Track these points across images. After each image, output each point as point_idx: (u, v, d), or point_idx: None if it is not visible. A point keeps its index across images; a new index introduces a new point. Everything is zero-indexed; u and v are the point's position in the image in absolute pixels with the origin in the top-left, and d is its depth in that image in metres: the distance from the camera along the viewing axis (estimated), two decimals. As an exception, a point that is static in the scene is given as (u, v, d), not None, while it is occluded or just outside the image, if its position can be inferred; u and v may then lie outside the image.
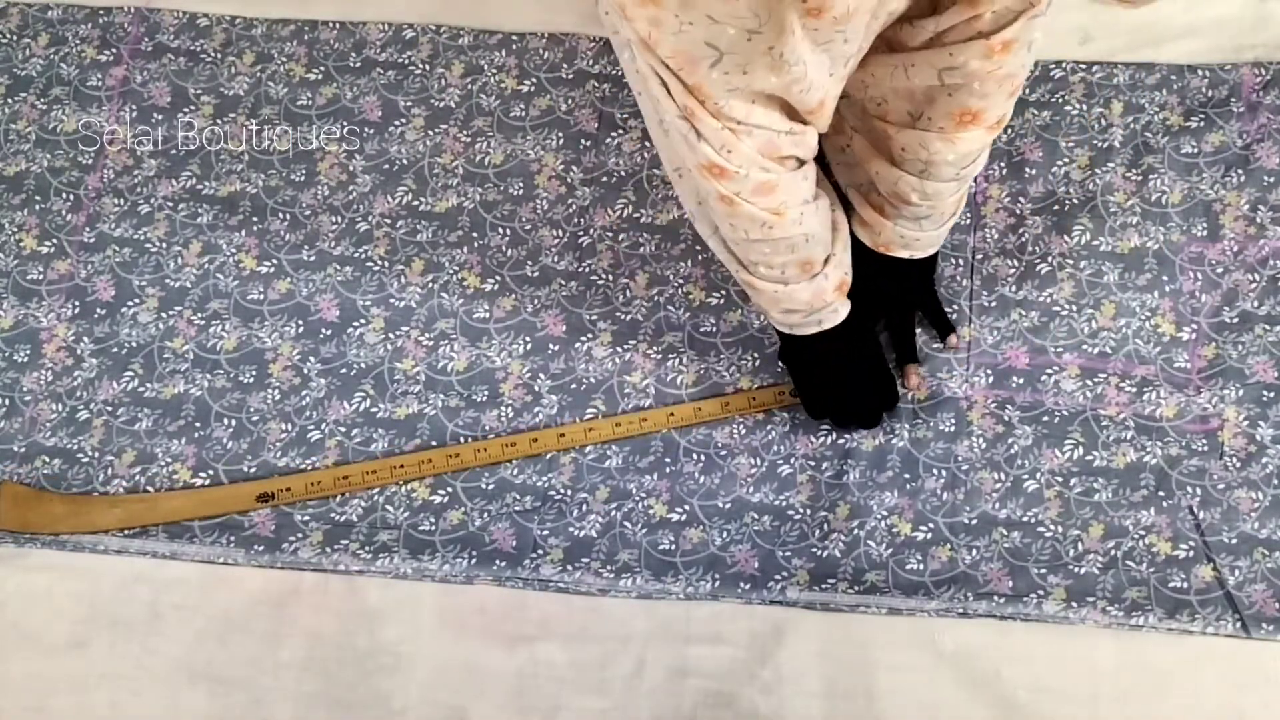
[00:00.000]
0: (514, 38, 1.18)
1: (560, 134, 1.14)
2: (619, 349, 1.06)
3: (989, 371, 1.03)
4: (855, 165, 0.95)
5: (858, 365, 0.99)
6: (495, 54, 1.18)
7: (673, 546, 0.99)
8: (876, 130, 0.90)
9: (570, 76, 1.16)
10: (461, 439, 1.04)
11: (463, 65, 1.18)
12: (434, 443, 1.04)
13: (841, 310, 0.94)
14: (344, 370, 1.07)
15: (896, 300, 1.01)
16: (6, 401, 1.07)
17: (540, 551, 0.99)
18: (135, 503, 1.02)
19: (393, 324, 1.08)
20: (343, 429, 1.05)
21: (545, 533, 1.00)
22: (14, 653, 0.99)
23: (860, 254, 0.98)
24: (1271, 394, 1.00)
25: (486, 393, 1.05)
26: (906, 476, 1.00)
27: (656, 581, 0.97)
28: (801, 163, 0.84)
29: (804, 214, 0.85)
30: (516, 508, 1.01)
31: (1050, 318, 1.04)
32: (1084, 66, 1.12)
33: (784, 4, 0.66)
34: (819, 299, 0.91)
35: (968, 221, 1.08)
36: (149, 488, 1.03)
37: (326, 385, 1.07)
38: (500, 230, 1.11)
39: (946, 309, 1.04)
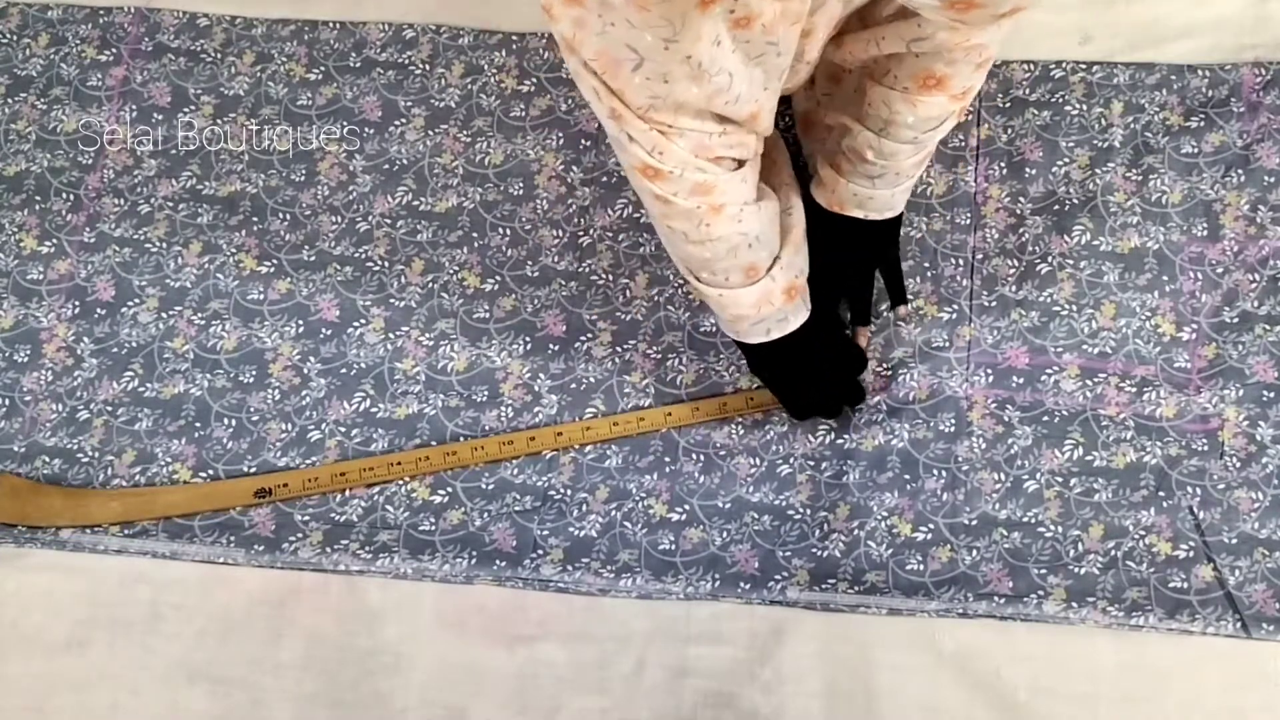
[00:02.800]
0: (514, 38, 1.18)
1: (560, 134, 1.14)
2: (619, 349, 1.06)
3: (989, 371, 1.03)
4: (818, 123, 0.94)
5: (821, 356, 0.97)
6: (495, 54, 1.18)
7: (673, 546, 0.99)
8: (845, 85, 0.90)
9: (570, 76, 1.16)
10: (461, 439, 1.04)
11: (463, 65, 1.18)
12: (433, 442, 1.04)
13: (793, 320, 0.93)
14: (344, 370, 1.07)
15: (855, 264, 1.01)
16: (6, 401, 1.07)
17: (540, 551, 0.99)
18: (133, 496, 1.02)
19: (393, 324, 1.08)
20: (343, 429, 1.05)
21: (545, 533, 1.00)
22: (14, 653, 0.99)
23: (818, 219, 0.97)
24: (1272, 394, 1.00)
25: (486, 393, 1.05)
26: (906, 477, 1.00)
27: (656, 581, 0.97)
28: (740, 163, 0.83)
29: (744, 214, 0.84)
30: (516, 508, 1.01)
31: (1050, 318, 1.04)
32: (1084, 66, 1.12)
33: (704, 14, 0.65)
34: (766, 303, 0.90)
35: (968, 221, 1.08)
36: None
37: (326, 385, 1.07)
38: (500, 230, 1.11)
39: (946, 309, 1.04)
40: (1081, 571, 0.95)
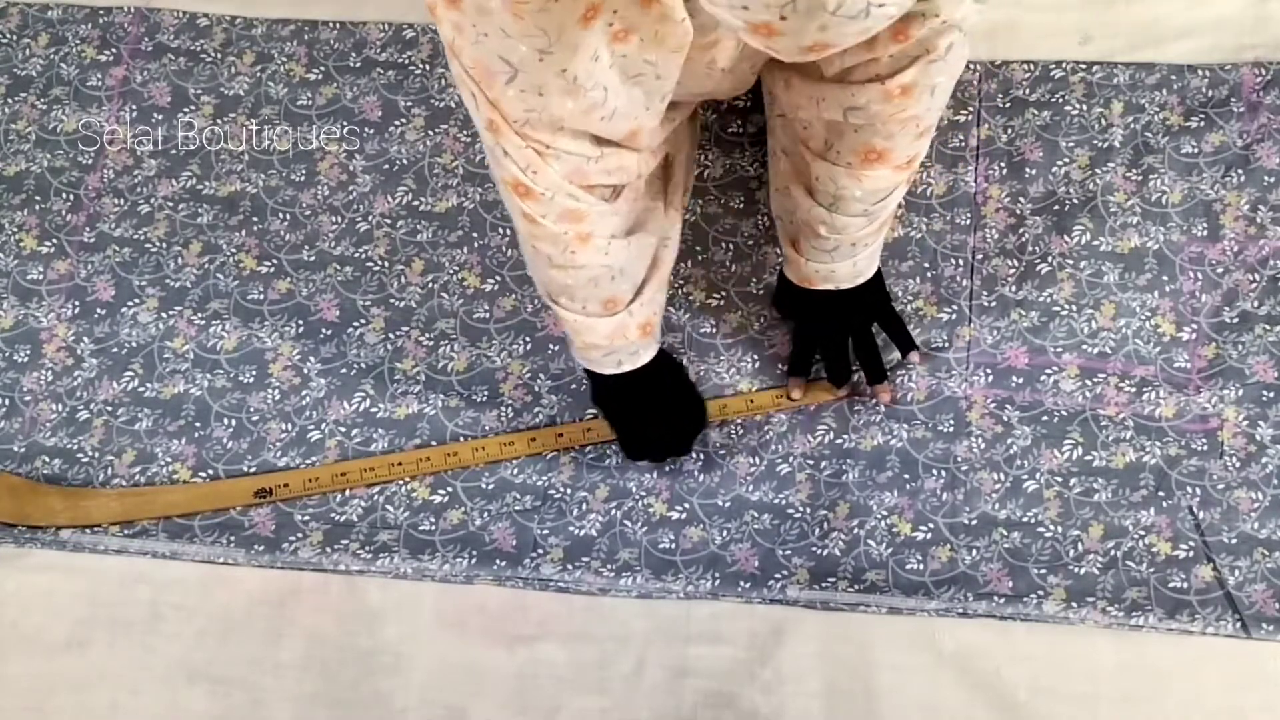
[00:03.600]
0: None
1: (560, 134, 1.14)
2: (619, 349, 1.06)
3: (988, 371, 1.03)
4: (781, 190, 0.94)
5: (665, 399, 0.98)
6: (495, 54, 1.18)
7: (673, 545, 0.99)
8: (799, 155, 0.89)
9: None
10: (461, 439, 1.04)
11: (463, 65, 1.17)
12: (434, 442, 1.04)
13: (644, 354, 0.93)
14: (344, 370, 1.07)
15: (828, 332, 1.00)
16: (6, 401, 1.07)
17: (540, 551, 0.99)
18: (132, 496, 1.02)
19: (393, 324, 1.08)
20: (343, 429, 1.05)
21: (545, 532, 1.00)
22: (14, 653, 0.99)
23: (793, 291, 0.98)
24: (1271, 394, 1.00)
25: (486, 393, 1.05)
26: (906, 476, 1.00)
27: (657, 580, 0.97)
28: (615, 192, 0.82)
29: (611, 247, 0.83)
30: (516, 507, 1.01)
31: (1050, 318, 1.04)
32: (1084, 66, 1.12)
33: (585, 28, 0.64)
34: (620, 335, 0.90)
35: (968, 222, 1.08)
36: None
37: (326, 385, 1.07)
38: (500, 230, 1.11)
39: (946, 309, 1.04)
40: (1081, 571, 0.95)
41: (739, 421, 1.03)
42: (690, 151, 0.96)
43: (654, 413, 0.98)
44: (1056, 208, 1.07)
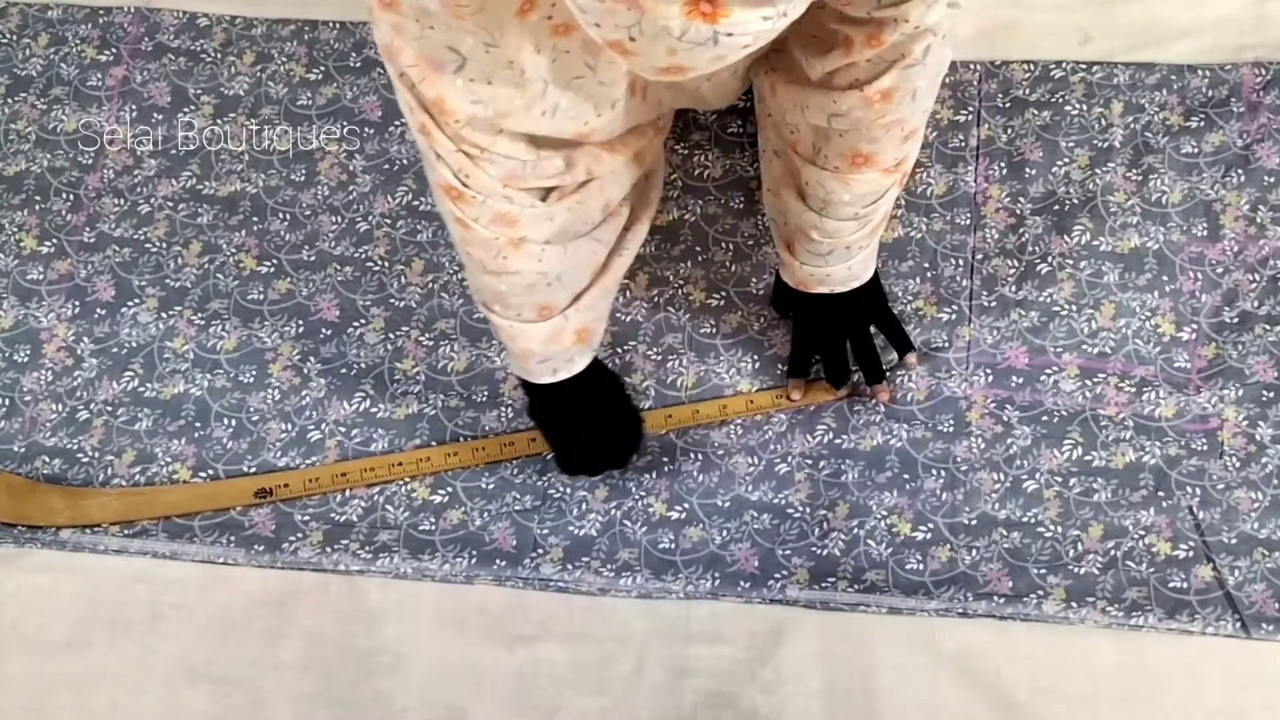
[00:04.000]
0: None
1: (560, 134, 1.14)
2: (618, 350, 1.06)
3: (988, 371, 1.03)
4: (773, 192, 0.94)
5: (603, 413, 0.98)
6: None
7: (672, 545, 0.99)
8: (790, 160, 0.88)
9: None
10: (462, 439, 1.04)
11: (463, 65, 1.17)
12: (434, 442, 1.04)
13: (579, 361, 0.93)
14: (344, 370, 1.07)
15: (839, 329, 1.00)
16: (6, 401, 1.07)
17: (540, 550, 0.99)
18: (133, 496, 1.02)
19: (393, 324, 1.08)
20: (342, 429, 1.05)
21: (545, 532, 1.00)
22: (14, 653, 0.99)
23: (791, 295, 0.98)
24: (1271, 394, 1.00)
25: (486, 393, 1.05)
26: (905, 476, 1.00)
27: (657, 580, 0.97)
28: (550, 194, 0.82)
29: (545, 253, 0.83)
30: (516, 507, 1.01)
31: (1050, 318, 1.04)
32: (1084, 66, 1.12)
33: (522, 20, 0.64)
34: (556, 341, 0.89)
35: (968, 222, 1.08)
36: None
37: (326, 385, 1.07)
38: (500, 230, 1.11)
39: (946, 309, 1.04)
40: (1081, 571, 0.95)
41: (739, 421, 1.03)
42: (660, 167, 0.96)
43: (591, 426, 0.97)
44: (1056, 208, 1.07)
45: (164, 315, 1.10)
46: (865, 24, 0.71)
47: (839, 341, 1.00)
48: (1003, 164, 1.10)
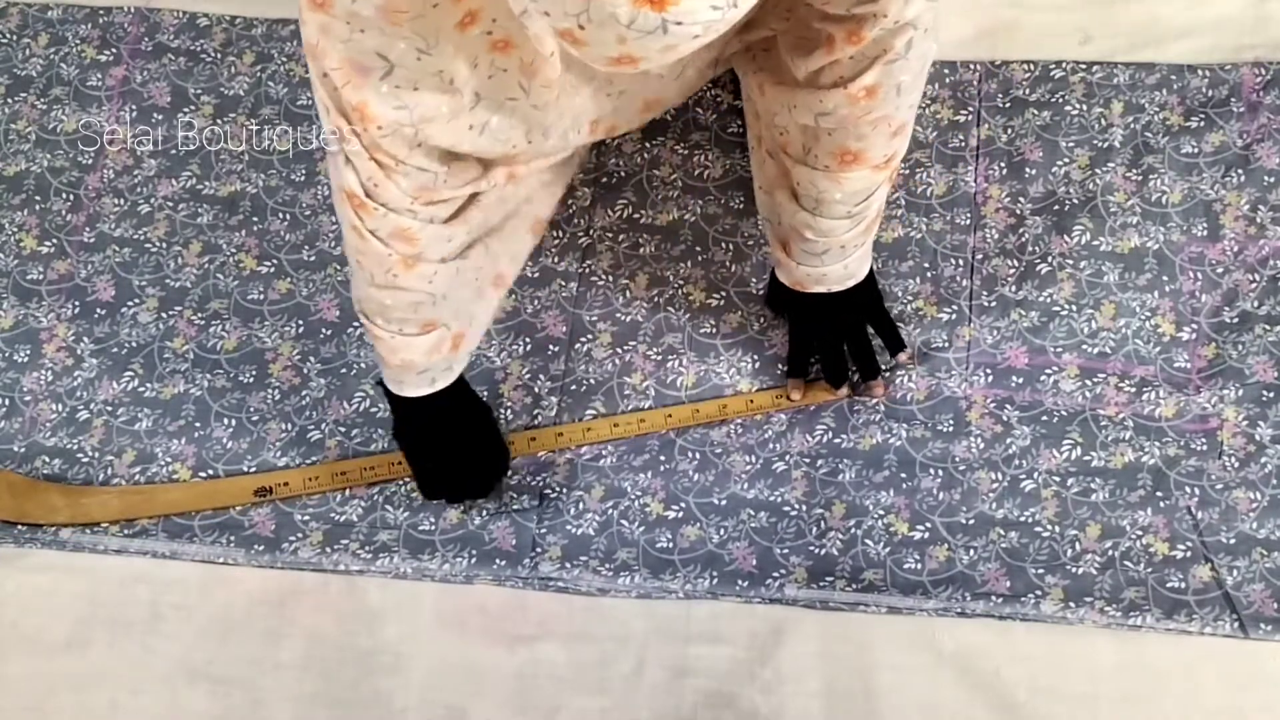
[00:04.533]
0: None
1: (560, 134, 1.14)
2: (619, 350, 1.06)
3: (988, 371, 1.03)
4: (766, 191, 0.94)
5: (471, 436, 0.97)
6: (495, 54, 1.18)
7: (670, 544, 0.99)
8: (781, 161, 0.89)
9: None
10: (461, 439, 1.04)
11: (462, 65, 1.17)
12: (433, 442, 1.04)
13: (456, 369, 0.93)
14: (344, 370, 1.07)
15: (836, 328, 1.00)
16: (6, 401, 1.07)
17: (539, 550, 0.99)
18: (133, 494, 1.02)
19: (392, 324, 1.08)
20: (342, 429, 1.05)
21: (544, 531, 1.00)
22: (14, 653, 0.99)
23: (786, 295, 0.98)
24: (1271, 394, 1.00)
25: (486, 393, 1.05)
26: (903, 476, 1.00)
27: (655, 579, 0.98)
28: (456, 213, 0.82)
29: (438, 273, 0.82)
30: (515, 507, 1.01)
31: (1050, 318, 1.04)
32: (1084, 66, 1.12)
33: (462, 34, 0.64)
34: (437, 351, 0.89)
35: (968, 222, 1.08)
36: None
37: (326, 385, 1.07)
38: (500, 230, 1.11)
39: (946, 309, 1.04)
40: (1079, 571, 0.95)
41: (739, 421, 1.03)
42: (567, 182, 0.97)
43: (458, 448, 0.96)
44: (1056, 208, 1.07)
45: (164, 315, 1.10)
46: (845, 21, 0.72)
47: (836, 340, 1.00)
48: (1003, 164, 1.10)
